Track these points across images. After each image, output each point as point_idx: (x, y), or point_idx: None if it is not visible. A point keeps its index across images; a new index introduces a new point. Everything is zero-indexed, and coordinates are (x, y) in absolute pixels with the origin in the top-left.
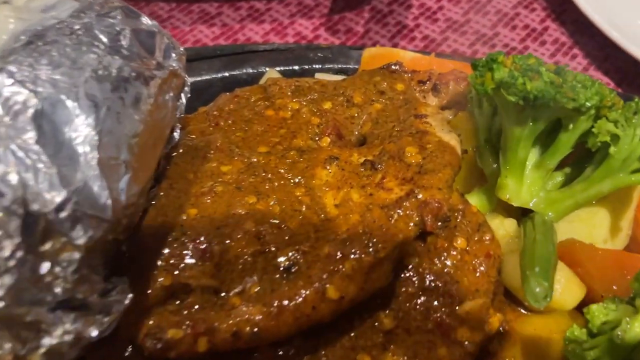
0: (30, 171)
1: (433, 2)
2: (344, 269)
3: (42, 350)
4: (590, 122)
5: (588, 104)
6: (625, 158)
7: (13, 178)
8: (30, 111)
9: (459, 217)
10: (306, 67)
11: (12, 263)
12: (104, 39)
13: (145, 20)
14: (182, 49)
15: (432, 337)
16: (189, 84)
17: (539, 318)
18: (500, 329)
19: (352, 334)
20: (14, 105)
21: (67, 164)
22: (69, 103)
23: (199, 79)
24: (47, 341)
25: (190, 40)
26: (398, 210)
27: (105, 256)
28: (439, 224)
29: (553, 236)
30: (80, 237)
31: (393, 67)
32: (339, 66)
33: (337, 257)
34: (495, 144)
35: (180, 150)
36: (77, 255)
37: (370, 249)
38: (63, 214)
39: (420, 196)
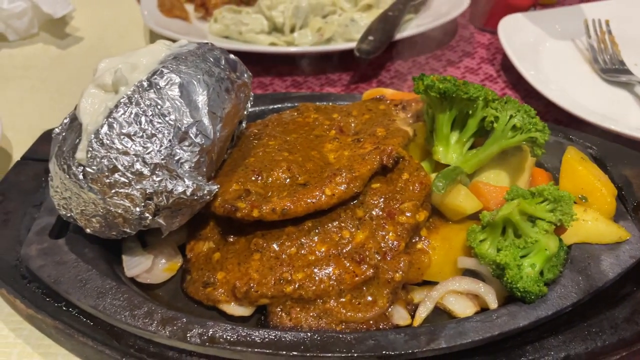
0: (176, 110)
1: (422, 59)
2: (336, 179)
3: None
4: (483, 111)
5: (475, 95)
6: (502, 130)
7: (171, 112)
8: (177, 83)
9: (406, 164)
10: (324, 104)
11: (165, 151)
12: (211, 59)
13: (232, 56)
14: (250, 74)
15: (385, 221)
16: (252, 96)
17: (456, 223)
18: (427, 222)
19: (340, 219)
20: (168, 81)
21: (193, 109)
22: (195, 82)
23: (263, 107)
24: (180, 187)
25: None
26: (369, 155)
27: (208, 164)
28: (392, 161)
29: (457, 169)
30: (197, 142)
31: (378, 97)
32: (348, 102)
33: (332, 175)
34: (434, 133)
35: (244, 135)
36: (196, 149)
37: (350, 171)
38: (192, 130)
39: (381, 148)
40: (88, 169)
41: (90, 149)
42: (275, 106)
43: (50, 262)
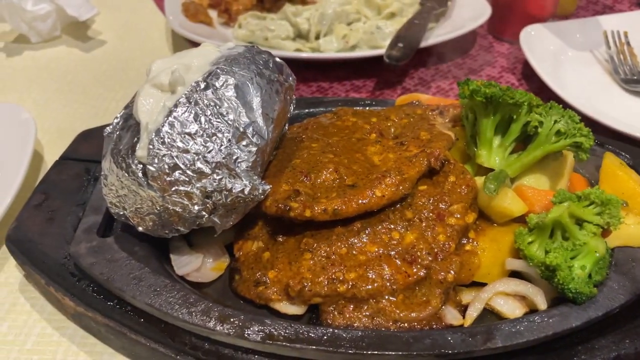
0: (233, 110)
1: (444, 67)
2: (385, 180)
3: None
4: (527, 116)
5: (520, 100)
6: (547, 134)
7: (229, 112)
8: (232, 84)
9: (452, 167)
10: (359, 108)
11: (225, 150)
12: (261, 62)
13: (278, 59)
14: (294, 77)
15: (434, 222)
16: (294, 100)
17: (502, 225)
18: (475, 225)
19: (389, 220)
20: (224, 82)
21: (248, 110)
22: (249, 84)
23: (298, 111)
24: (239, 186)
25: None
26: (416, 158)
27: (261, 164)
28: (439, 164)
29: (503, 172)
30: (254, 142)
31: (415, 102)
32: (381, 107)
33: (381, 176)
34: (475, 137)
35: (287, 138)
36: (253, 149)
37: (399, 173)
38: (249, 129)
39: (428, 151)
40: (149, 167)
41: (151, 147)
42: (310, 110)
43: (102, 260)
